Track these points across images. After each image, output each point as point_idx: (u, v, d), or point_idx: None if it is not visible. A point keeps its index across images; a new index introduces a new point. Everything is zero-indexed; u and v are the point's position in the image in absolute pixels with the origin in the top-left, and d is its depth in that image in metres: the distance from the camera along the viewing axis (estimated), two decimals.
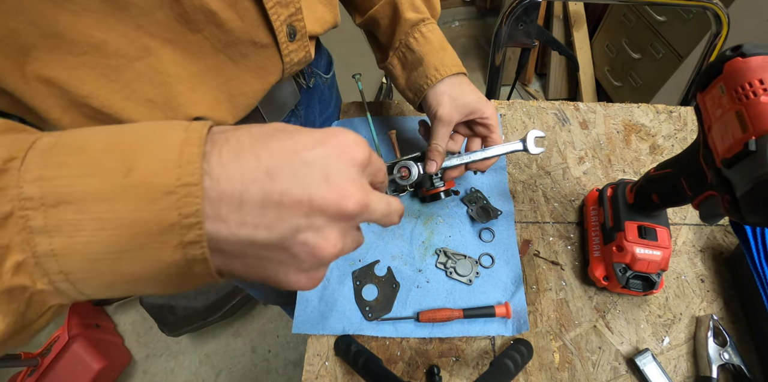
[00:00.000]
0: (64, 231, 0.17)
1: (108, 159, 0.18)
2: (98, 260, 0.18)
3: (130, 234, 0.18)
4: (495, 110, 0.50)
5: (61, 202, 0.17)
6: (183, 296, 1.27)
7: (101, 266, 0.18)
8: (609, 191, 0.55)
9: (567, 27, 1.90)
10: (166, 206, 0.18)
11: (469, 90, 0.50)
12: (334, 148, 0.22)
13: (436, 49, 0.50)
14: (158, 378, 1.47)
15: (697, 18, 1.37)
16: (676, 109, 0.71)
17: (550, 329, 0.52)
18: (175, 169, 0.18)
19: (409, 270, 0.55)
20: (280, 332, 1.53)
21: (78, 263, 0.18)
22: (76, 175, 0.18)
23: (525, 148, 0.50)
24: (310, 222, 0.20)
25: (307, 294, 0.53)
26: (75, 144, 0.19)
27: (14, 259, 0.17)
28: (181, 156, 0.18)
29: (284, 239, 0.20)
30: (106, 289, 0.20)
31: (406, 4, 0.51)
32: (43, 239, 0.17)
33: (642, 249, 0.48)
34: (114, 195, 0.18)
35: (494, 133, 0.51)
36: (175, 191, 0.18)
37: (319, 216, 0.21)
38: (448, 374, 0.49)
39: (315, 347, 0.51)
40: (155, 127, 0.20)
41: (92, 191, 0.17)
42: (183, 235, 0.18)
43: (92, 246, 0.18)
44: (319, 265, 0.22)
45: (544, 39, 1.00)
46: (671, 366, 0.49)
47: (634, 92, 1.76)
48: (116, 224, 0.18)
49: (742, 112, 0.30)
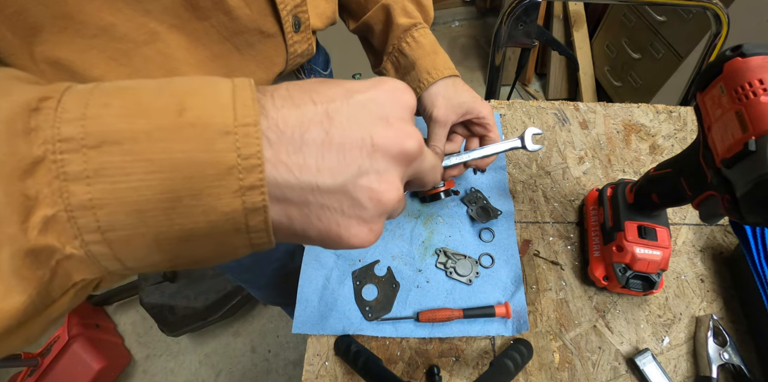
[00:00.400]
0: (107, 176, 0.15)
1: (157, 100, 0.16)
2: (145, 211, 0.16)
3: (184, 178, 0.16)
4: (491, 109, 0.50)
5: (106, 142, 0.15)
6: (183, 296, 1.27)
7: (147, 220, 0.16)
8: (609, 190, 0.55)
9: (567, 27, 1.90)
10: (223, 147, 0.16)
11: (464, 90, 0.50)
12: (388, 91, 0.21)
13: (428, 52, 0.51)
14: (158, 378, 1.47)
15: (697, 18, 1.37)
16: (676, 109, 0.71)
17: (550, 329, 0.52)
18: (231, 111, 0.17)
19: (409, 270, 0.55)
20: (280, 332, 1.53)
21: (121, 215, 0.16)
22: (123, 114, 0.16)
23: (523, 145, 0.51)
24: (372, 164, 0.20)
25: (307, 294, 0.53)
26: (118, 87, 0.17)
27: (42, 213, 0.15)
28: (235, 99, 0.17)
29: (347, 183, 0.19)
30: (145, 254, 0.17)
31: (398, 9, 0.51)
32: (81, 188, 0.15)
33: (642, 249, 0.48)
34: (168, 134, 0.16)
35: (492, 132, 0.51)
36: (234, 130, 0.16)
37: (381, 157, 0.20)
38: (448, 374, 0.49)
39: (315, 347, 0.51)
40: (201, 78, 0.18)
41: (144, 130, 0.16)
42: (242, 179, 0.17)
43: (141, 192, 0.15)
44: (382, 212, 0.21)
45: (544, 39, 1.00)
46: (671, 366, 0.49)
47: (634, 92, 1.76)
48: (170, 165, 0.16)
49: (742, 112, 0.30)
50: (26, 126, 0.15)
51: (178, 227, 0.17)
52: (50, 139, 0.15)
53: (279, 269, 0.81)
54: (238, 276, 0.80)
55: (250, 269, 0.77)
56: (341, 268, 0.56)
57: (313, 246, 0.57)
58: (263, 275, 0.81)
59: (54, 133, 0.15)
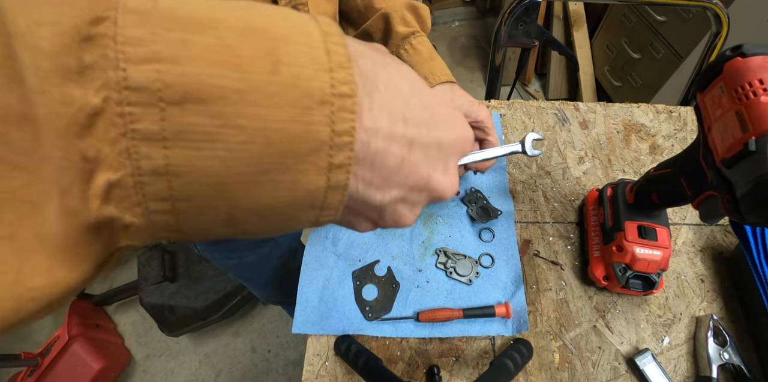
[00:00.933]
0: (190, 141, 0.13)
1: (246, 43, 0.13)
2: (227, 183, 0.14)
3: (276, 152, 0.14)
4: (489, 113, 0.51)
5: (190, 98, 0.12)
6: (183, 296, 1.27)
7: (226, 192, 0.14)
8: (609, 190, 0.55)
9: (567, 27, 1.90)
10: (318, 119, 0.14)
11: (461, 95, 0.52)
12: (460, 139, 0.22)
13: (425, 59, 0.53)
14: (158, 378, 1.47)
15: (697, 18, 1.37)
16: (676, 109, 0.71)
17: (550, 329, 0.52)
18: (327, 73, 0.14)
19: (409, 270, 0.55)
20: (280, 332, 1.53)
21: (198, 185, 0.13)
22: (208, 61, 0.13)
23: (523, 150, 0.51)
24: (415, 198, 0.21)
25: (307, 294, 0.53)
26: (191, 10, 0.13)
27: (105, 177, 0.12)
28: (330, 56, 0.15)
29: (387, 205, 0.19)
30: (210, 227, 0.15)
31: (397, 18, 0.53)
32: (156, 151, 0.12)
33: (642, 249, 0.48)
34: (263, 97, 0.13)
35: (491, 136, 0.51)
36: (330, 100, 0.14)
37: (425, 196, 0.21)
38: (448, 374, 0.49)
39: (315, 347, 0.51)
40: (285, 11, 0.15)
41: (235, 89, 0.13)
42: (331, 156, 0.15)
43: (227, 164, 0.13)
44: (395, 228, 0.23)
45: (544, 39, 1.00)
46: (671, 366, 0.49)
47: (634, 92, 1.75)
48: (263, 137, 0.13)
49: (742, 112, 0.30)
50: (79, 63, 0.12)
51: (256, 201, 0.15)
52: (113, 84, 0.12)
53: (280, 267, 0.81)
54: (239, 275, 0.80)
55: (252, 267, 0.77)
56: (341, 268, 0.56)
57: (313, 247, 0.57)
58: (265, 274, 0.81)
59: (118, 77, 0.12)
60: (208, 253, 0.74)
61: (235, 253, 0.73)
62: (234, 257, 0.74)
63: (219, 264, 0.76)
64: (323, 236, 0.58)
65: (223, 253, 0.73)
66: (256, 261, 0.76)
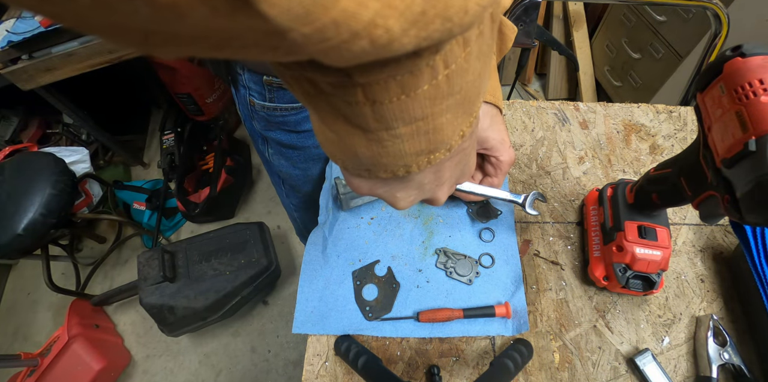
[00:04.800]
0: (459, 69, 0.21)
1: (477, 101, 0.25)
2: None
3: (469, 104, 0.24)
4: (513, 158, 0.49)
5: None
6: (183, 296, 1.26)
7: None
8: (609, 190, 0.55)
9: (567, 27, 1.90)
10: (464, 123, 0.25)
11: (497, 129, 0.47)
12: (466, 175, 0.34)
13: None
14: (158, 378, 1.47)
15: (697, 18, 1.37)
16: (676, 109, 0.71)
17: (550, 329, 0.52)
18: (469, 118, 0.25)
19: (409, 270, 0.55)
20: (280, 332, 1.53)
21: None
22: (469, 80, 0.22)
23: (522, 203, 0.52)
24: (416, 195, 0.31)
25: (307, 294, 0.53)
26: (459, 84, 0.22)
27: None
28: (464, 128, 0.25)
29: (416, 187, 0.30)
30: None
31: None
32: None
33: (642, 249, 0.48)
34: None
35: (497, 178, 0.50)
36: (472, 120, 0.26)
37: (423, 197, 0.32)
38: (448, 374, 0.49)
39: (315, 347, 0.51)
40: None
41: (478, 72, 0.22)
42: (455, 140, 0.25)
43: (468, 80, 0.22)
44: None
45: (544, 39, 1.00)
46: (671, 366, 0.49)
47: (634, 92, 1.76)
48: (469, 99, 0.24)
49: (742, 112, 0.30)
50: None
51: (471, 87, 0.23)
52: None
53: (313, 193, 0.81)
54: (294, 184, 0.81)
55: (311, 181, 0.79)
56: (341, 268, 0.56)
57: (313, 247, 0.57)
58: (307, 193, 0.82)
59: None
60: (277, 157, 0.75)
61: (303, 163, 0.74)
62: (300, 166, 0.75)
63: (282, 172, 0.77)
64: (323, 236, 0.58)
65: (292, 160, 0.74)
66: (318, 175, 0.76)
